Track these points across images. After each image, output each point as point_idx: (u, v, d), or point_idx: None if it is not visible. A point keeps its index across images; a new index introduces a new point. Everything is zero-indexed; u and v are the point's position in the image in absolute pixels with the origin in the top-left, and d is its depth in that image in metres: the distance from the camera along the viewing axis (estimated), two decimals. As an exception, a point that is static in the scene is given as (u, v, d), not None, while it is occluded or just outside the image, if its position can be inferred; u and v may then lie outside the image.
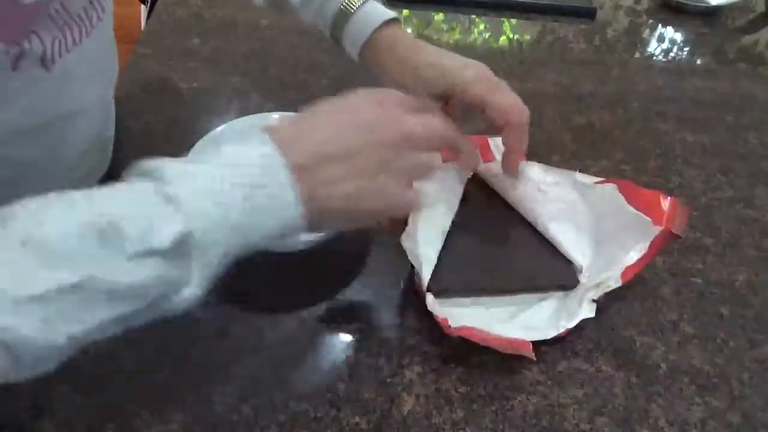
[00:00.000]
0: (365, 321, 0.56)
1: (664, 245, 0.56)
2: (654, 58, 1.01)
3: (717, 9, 1.14)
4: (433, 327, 0.56)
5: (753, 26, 1.15)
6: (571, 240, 0.60)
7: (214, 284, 0.37)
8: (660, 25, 1.10)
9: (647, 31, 1.09)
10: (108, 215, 0.33)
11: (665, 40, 1.06)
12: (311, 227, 0.40)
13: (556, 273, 0.59)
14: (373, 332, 0.55)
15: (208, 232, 0.35)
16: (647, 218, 0.57)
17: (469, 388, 0.52)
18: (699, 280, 0.63)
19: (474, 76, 0.56)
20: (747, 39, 1.10)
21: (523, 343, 0.51)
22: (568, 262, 0.60)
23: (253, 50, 0.89)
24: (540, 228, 0.61)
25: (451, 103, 0.58)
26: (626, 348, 0.56)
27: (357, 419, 0.49)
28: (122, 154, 0.70)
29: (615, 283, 0.55)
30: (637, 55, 1.01)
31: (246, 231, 0.37)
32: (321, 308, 0.57)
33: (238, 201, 0.36)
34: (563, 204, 0.62)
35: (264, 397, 0.50)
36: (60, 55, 0.50)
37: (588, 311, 0.54)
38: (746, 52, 1.05)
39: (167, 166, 0.37)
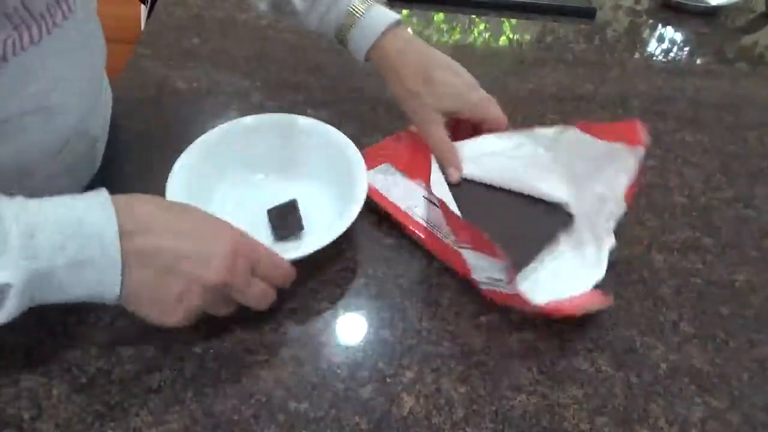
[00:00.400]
0: (365, 320, 0.56)
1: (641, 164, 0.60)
2: (654, 58, 1.01)
3: (717, 9, 1.14)
4: (433, 327, 0.56)
5: (753, 26, 1.15)
6: (553, 187, 0.62)
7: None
8: (660, 25, 1.10)
9: (647, 31, 1.09)
10: None
11: (665, 40, 1.06)
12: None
13: (550, 218, 0.61)
14: (373, 332, 0.55)
15: (26, 288, 0.40)
16: (621, 145, 0.60)
17: (469, 388, 0.52)
18: (699, 280, 0.63)
19: (479, 99, 0.64)
20: (747, 39, 1.10)
21: (596, 295, 0.55)
22: (556, 205, 0.61)
23: (253, 50, 0.89)
24: (520, 189, 0.62)
25: (455, 117, 0.65)
26: (626, 348, 0.56)
27: (357, 419, 0.49)
28: (122, 154, 0.70)
29: (620, 209, 0.59)
30: (637, 55, 1.01)
31: (62, 292, 0.43)
32: (321, 308, 0.57)
33: (67, 268, 0.41)
34: (534, 159, 0.64)
35: (264, 397, 0.50)
36: (14, 53, 0.49)
37: (610, 241, 0.59)
38: (746, 52, 1.06)
39: (12, 224, 0.40)
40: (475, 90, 0.65)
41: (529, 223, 0.61)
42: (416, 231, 0.62)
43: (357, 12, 0.62)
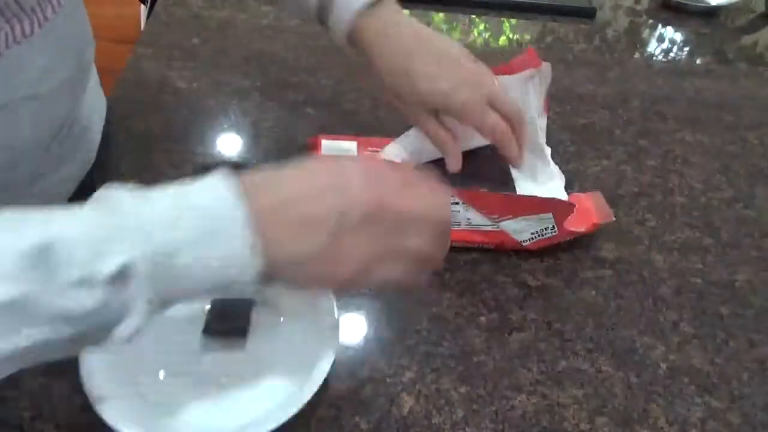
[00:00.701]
0: (365, 320, 0.56)
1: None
2: (654, 58, 1.01)
3: (717, 9, 1.14)
4: (433, 327, 0.56)
5: (753, 26, 1.15)
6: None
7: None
8: (660, 25, 1.10)
9: (647, 31, 1.09)
10: (59, 239, 0.32)
11: (665, 40, 1.06)
12: (263, 283, 0.37)
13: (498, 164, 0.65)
14: (373, 332, 0.55)
15: (153, 269, 0.33)
16: (529, 71, 0.63)
17: (469, 388, 0.52)
18: (699, 280, 0.63)
19: (466, 100, 0.56)
20: (747, 39, 1.10)
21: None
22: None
23: (253, 50, 0.89)
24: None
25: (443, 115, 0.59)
26: (626, 348, 0.56)
27: (357, 419, 0.49)
28: (122, 154, 0.70)
29: (543, 121, 0.66)
30: (637, 55, 1.01)
31: (190, 278, 0.35)
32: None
33: (188, 244, 0.34)
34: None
35: (264, 397, 0.50)
36: (7, 46, 0.49)
37: (548, 151, 0.68)
38: (746, 52, 1.06)
39: (125, 198, 0.35)
40: (467, 89, 0.56)
41: (490, 175, 0.65)
42: (469, 239, 0.62)
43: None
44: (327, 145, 0.67)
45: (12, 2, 0.48)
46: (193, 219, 0.34)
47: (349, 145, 0.68)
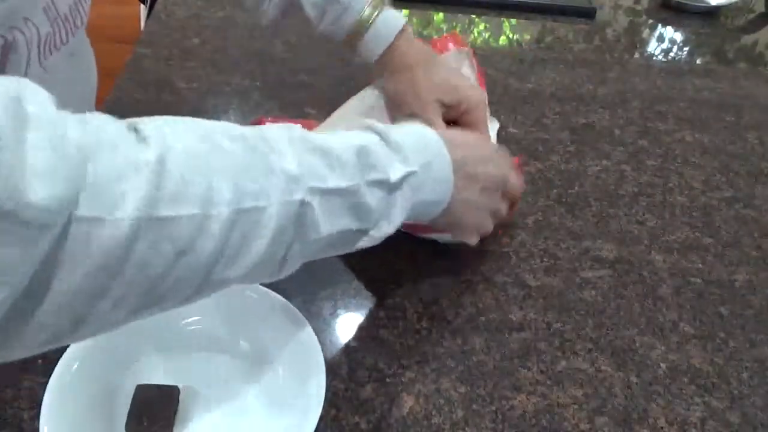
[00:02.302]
0: (365, 320, 0.56)
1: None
2: (654, 58, 1.01)
3: (717, 9, 1.14)
4: (433, 327, 0.56)
5: (753, 26, 1.15)
6: None
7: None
8: (660, 25, 1.10)
9: (647, 31, 1.09)
10: (368, 144, 0.41)
11: (665, 40, 1.06)
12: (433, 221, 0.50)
13: None
14: (373, 332, 0.55)
15: (418, 181, 0.44)
16: (455, 50, 0.68)
17: (469, 388, 0.52)
18: (698, 280, 0.63)
19: (477, 101, 0.62)
20: (747, 39, 1.10)
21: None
22: None
23: (253, 50, 0.89)
24: None
25: (452, 109, 0.63)
26: (626, 348, 0.56)
27: (357, 419, 0.49)
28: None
29: (484, 96, 0.67)
30: (637, 55, 1.01)
31: (423, 191, 0.45)
32: (321, 308, 0.57)
33: (426, 166, 0.45)
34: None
35: (264, 397, 0.50)
36: (51, 52, 0.49)
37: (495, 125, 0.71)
38: (746, 52, 1.06)
39: (388, 129, 0.44)
40: (476, 91, 0.64)
41: None
42: None
43: (368, 20, 0.61)
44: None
45: (51, 5, 0.50)
46: (426, 149, 0.46)
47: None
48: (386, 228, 0.43)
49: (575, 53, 0.99)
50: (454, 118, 0.62)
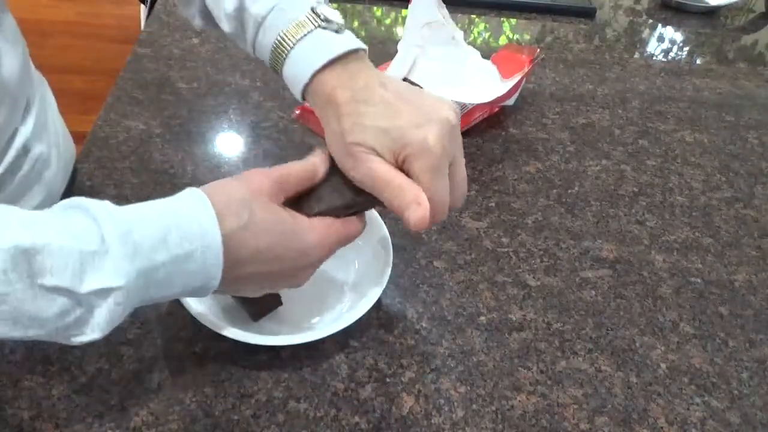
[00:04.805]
0: (365, 320, 0.56)
1: None
2: (653, 57, 1.01)
3: (717, 9, 1.14)
4: (433, 327, 0.56)
5: (753, 26, 1.15)
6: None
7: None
8: (660, 25, 1.10)
9: (647, 31, 1.09)
10: (41, 245, 0.34)
11: (665, 40, 1.06)
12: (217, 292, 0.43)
13: None
14: (373, 332, 0.55)
15: (128, 292, 0.36)
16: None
17: (468, 388, 0.52)
18: (698, 280, 0.63)
19: (421, 146, 0.43)
20: (747, 39, 1.10)
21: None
22: None
23: (253, 50, 0.89)
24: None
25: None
26: (626, 348, 0.56)
27: (357, 419, 0.49)
28: (122, 154, 0.70)
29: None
30: (637, 54, 1.01)
31: (162, 291, 0.39)
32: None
33: (167, 266, 0.38)
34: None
35: (264, 397, 0.50)
36: None
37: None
38: (746, 52, 1.06)
39: (111, 214, 0.37)
40: (425, 128, 0.43)
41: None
42: None
43: (288, 41, 0.46)
44: None
45: None
46: (178, 238, 0.38)
47: None
48: (92, 334, 0.37)
49: (575, 53, 0.99)
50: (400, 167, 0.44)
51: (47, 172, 0.61)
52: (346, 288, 0.57)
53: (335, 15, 0.47)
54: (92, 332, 0.37)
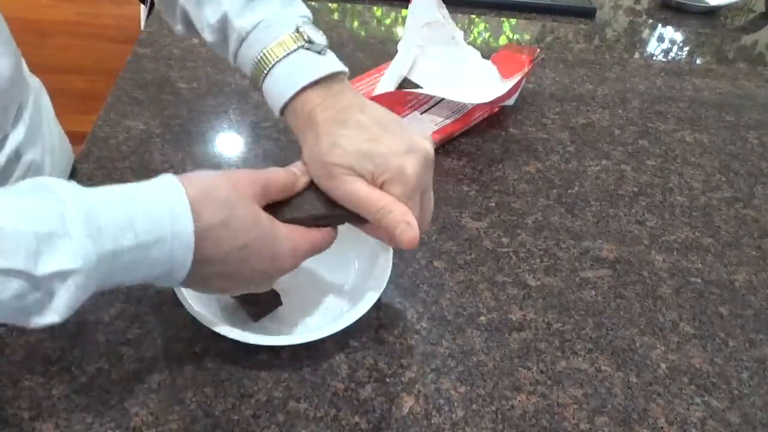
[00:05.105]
0: (365, 320, 0.56)
1: None
2: (653, 57, 1.01)
3: (717, 9, 1.14)
4: (433, 327, 0.56)
5: (753, 26, 1.15)
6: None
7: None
8: (660, 25, 1.10)
9: (647, 31, 1.09)
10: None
11: (665, 40, 1.06)
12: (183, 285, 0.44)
13: None
14: (373, 332, 0.55)
15: (87, 275, 0.36)
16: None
17: (468, 388, 0.52)
18: (698, 280, 0.63)
19: (399, 172, 0.44)
20: (747, 39, 1.10)
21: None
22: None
23: (253, 50, 0.89)
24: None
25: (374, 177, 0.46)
26: (626, 348, 0.56)
27: (357, 419, 0.49)
28: (121, 154, 0.70)
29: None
30: (637, 54, 1.01)
31: (125, 276, 0.38)
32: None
33: (133, 252, 0.37)
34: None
35: (264, 397, 0.50)
36: None
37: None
38: (746, 52, 1.06)
39: (77, 194, 0.37)
40: (403, 155, 0.45)
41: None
42: None
43: (270, 58, 0.46)
44: None
45: None
46: (147, 223, 0.37)
47: None
48: (52, 317, 0.36)
49: (575, 53, 0.99)
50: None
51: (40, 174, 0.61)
52: (346, 288, 0.57)
53: (319, 36, 0.47)
54: (52, 315, 0.36)
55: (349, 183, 0.45)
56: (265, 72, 0.47)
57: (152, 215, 0.38)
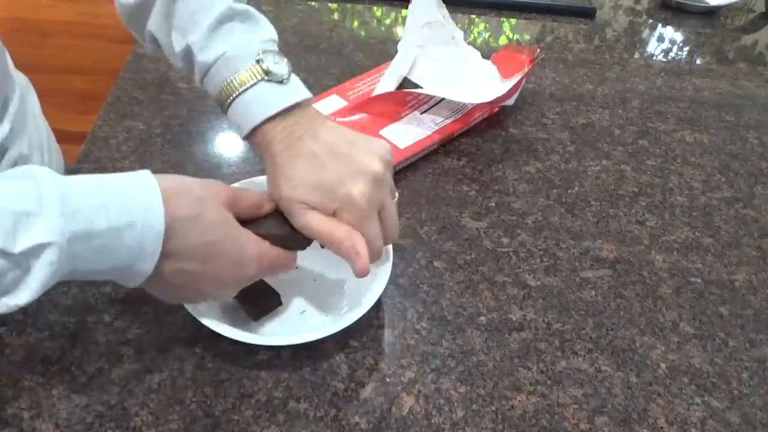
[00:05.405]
0: (365, 320, 0.56)
1: None
2: (653, 57, 1.01)
3: (717, 9, 1.14)
4: (433, 327, 0.56)
5: (753, 26, 1.15)
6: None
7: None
8: (660, 25, 1.10)
9: (647, 30, 1.09)
10: None
11: (665, 40, 1.06)
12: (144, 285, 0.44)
13: None
14: (373, 332, 0.55)
15: (61, 251, 0.36)
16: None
17: (468, 388, 0.52)
18: (698, 280, 0.63)
19: (350, 201, 0.46)
20: (747, 39, 1.10)
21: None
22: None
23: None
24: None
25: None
26: (626, 348, 0.56)
27: (357, 419, 0.49)
28: (121, 154, 0.70)
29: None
30: (637, 54, 1.01)
31: (93, 262, 0.39)
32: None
33: (105, 235, 0.38)
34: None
35: (264, 397, 0.50)
36: None
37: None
38: (746, 52, 1.06)
39: (51, 176, 0.38)
40: (353, 183, 0.46)
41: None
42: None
43: (230, 92, 0.48)
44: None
45: None
46: (120, 207, 0.39)
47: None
48: (24, 295, 0.37)
49: (575, 53, 0.99)
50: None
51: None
52: (346, 288, 0.57)
53: (281, 65, 0.48)
54: (24, 293, 0.37)
55: (302, 216, 0.47)
56: (227, 104, 0.48)
57: (126, 201, 0.39)
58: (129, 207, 0.39)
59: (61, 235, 0.36)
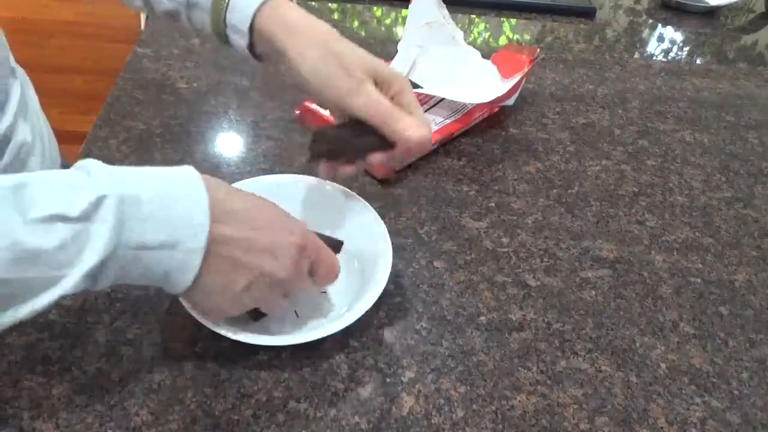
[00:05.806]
0: (365, 320, 0.56)
1: None
2: (653, 57, 1.01)
3: (717, 9, 1.14)
4: (433, 327, 0.56)
5: (753, 26, 1.15)
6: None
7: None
8: (660, 25, 1.10)
9: (647, 30, 1.09)
10: (33, 180, 0.36)
11: (665, 40, 1.06)
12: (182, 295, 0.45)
13: None
14: (373, 332, 0.55)
15: (118, 203, 0.37)
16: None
17: (468, 388, 0.52)
18: (698, 280, 0.63)
19: (405, 80, 0.52)
20: (747, 39, 1.10)
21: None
22: None
23: (253, 50, 0.89)
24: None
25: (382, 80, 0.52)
26: (626, 348, 0.56)
27: (357, 419, 0.49)
28: (122, 154, 0.70)
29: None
30: (637, 54, 1.01)
31: (145, 234, 0.39)
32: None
33: (154, 202, 0.39)
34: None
35: (264, 397, 0.50)
36: None
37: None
38: (746, 52, 1.06)
39: (98, 162, 0.40)
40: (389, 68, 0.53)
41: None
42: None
43: None
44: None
45: None
46: (160, 182, 0.40)
47: None
48: (93, 257, 0.37)
49: (575, 53, 0.99)
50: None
51: (31, 159, 0.63)
52: (346, 288, 0.57)
53: None
54: (91, 255, 0.37)
55: (370, 93, 0.50)
56: (224, 5, 0.51)
57: (166, 174, 0.41)
58: (171, 182, 0.41)
59: (113, 189, 0.37)
